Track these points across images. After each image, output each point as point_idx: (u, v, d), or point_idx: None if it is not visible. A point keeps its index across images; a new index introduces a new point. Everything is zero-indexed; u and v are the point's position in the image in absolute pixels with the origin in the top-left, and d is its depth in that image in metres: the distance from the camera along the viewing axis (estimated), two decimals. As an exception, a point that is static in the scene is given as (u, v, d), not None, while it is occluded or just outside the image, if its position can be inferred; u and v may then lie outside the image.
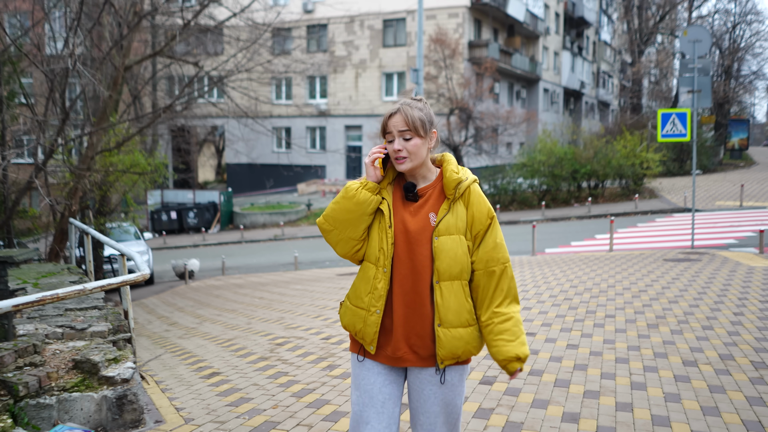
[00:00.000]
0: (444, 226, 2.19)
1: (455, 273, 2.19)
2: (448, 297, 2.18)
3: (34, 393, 3.33)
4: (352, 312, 2.29)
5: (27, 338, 3.73)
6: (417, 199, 2.25)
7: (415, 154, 2.21)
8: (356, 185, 2.22)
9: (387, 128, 2.24)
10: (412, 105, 2.24)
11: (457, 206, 2.23)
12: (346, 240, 2.25)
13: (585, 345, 5.40)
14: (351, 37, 33.91)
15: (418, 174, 2.28)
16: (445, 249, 2.17)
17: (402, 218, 2.23)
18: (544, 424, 3.65)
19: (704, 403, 3.97)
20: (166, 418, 3.81)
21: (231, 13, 11.38)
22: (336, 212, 2.23)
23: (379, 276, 2.21)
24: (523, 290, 8.31)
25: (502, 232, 2.28)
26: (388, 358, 2.25)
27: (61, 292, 3.25)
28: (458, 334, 2.19)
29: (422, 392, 2.25)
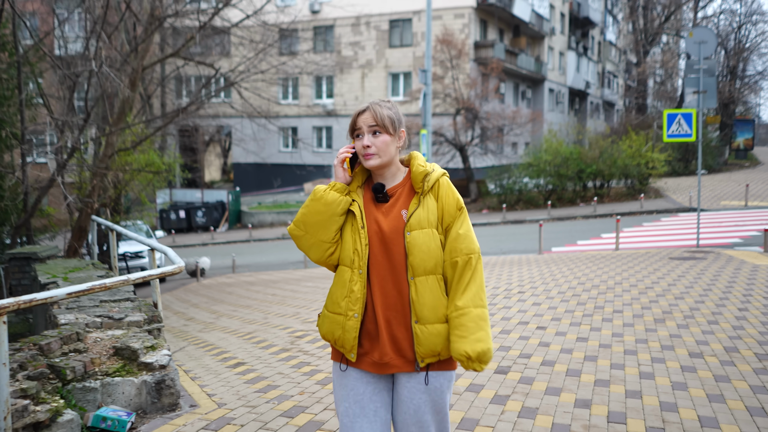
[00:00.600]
0: (415, 220, 2.16)
1: (429, 267, 2.15)
2: (423, 292, 2.13)
3: (79, 377, 3.56)
4: (330, 319, 2.22)
5: (69, 327, 3.96)
6: (387, 199, 2.22)
7: (384, 150, 2.19)
8: (323, 187, 2.22)
9: (356, 125, 2.22)
10: (381, 104, 2.24)
11: (427, 200, 2.19)
12: (318, 244, 2.21)
13: (594, 338, 5.60)
14: (357, 38, 34.13)
15: (387, 174, 2.26)
16: (418, 243, 2.14)
17: (375, 219, 2.20)
18: (558, 410, 3.86)
19: (710, 391, 4.17)
20: (199, 402, 4.03)
21: (244, 15, 11.61)
22: (306, 216, 2.21)
23: (354, 278, 2.17)
24: (531, 287, 8.51)
25: (470, 223, 2.24)
26: (374, 365, 2.18)
27: (108, 282, 3.47)
28: (435, 330, 2.13)
29: (412, 401, 2.17)
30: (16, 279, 8.12)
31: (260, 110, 14.50)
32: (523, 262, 11.74)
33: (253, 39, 13.05)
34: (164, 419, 3.69)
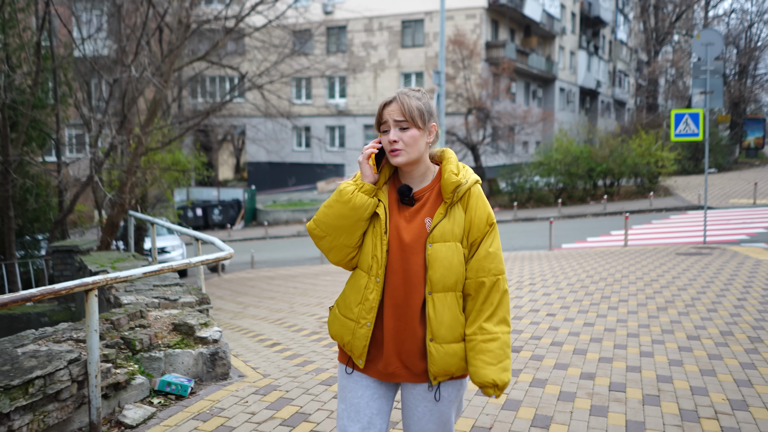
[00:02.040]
0: (439, 232, 2.01)
1: (450, 284, 2.01)
2: (442, 310, 2.01)
3: (146, 348, 4.07)
4: (341, 322, 2.12)
5: (133, 306, 4.48)
6: (413, 203, 2.06)
7: (412, 146, 2.01)
8: (351, 187, 2.02)
9: (382, 118, 2.05)
10: (410, 94, 2.06)
11: (454, 210, 2.04)
12: (340, 247, 2.06)
13: (600, 323, 6.06)
14: (370, 38, 34.61)
15: (415, 173, 2.09)
16: (439, 257, 1.99)
17: (396, 224, 2.05)
18: (565, 381, 4.33)
19: (703, 366, 4.63)
20: (246, 374, 4.54)
21: (266, 20, 12.14)
22: (329, 217, 2.04)
23: (371, 286, 2.04)
24: (542, 279, 8.97)
25: (500, 240, 2.12)
26: (379, 374, 2.09)
27: (174, 264, 4.00)
28: (452, 350, 2.02)
29: (416, 409, 2.09)
30: (58, 270, 8.69)
31: (277, 110, 15.02)
32: (534, 258, 12.19)
33: (273, 43, 13.57)
34: (218, 386, 4.20)
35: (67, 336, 3.69)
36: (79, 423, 3.47)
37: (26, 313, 8.72)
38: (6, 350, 3.38)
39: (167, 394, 3.95)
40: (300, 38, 27.23)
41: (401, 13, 33.47)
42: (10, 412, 3.00)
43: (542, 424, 3.60)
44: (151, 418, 3.66)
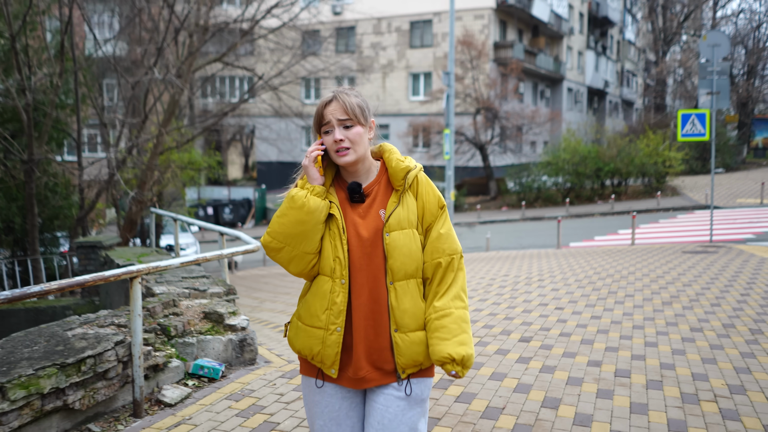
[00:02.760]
0: (395, 220, 1.99)
1: (410, 271, 2.00)
2: (403, 298, 1.98)
3: (180, 334, 4.35)
4: (306, 333, 2.03)
5: (166, 295, 4.76)
6: (364, 199, 2.03)
7: (358, 143, 1.99)
8: (302, 192, 1.98)
9: (324, 119, 2.00)
10: (348, 92, 2.03)
11: (406, 198, 2.03)
12: (300, 256, 2.00)
13: (606, 316, 6.30)
14: (378, 39, 34.86)
15: (360, 170, 2.05)
16: (398, 245, 1.97)
17: (352, 221, 2.01)
18: (573, 368, 4.58)
19: (705, 355, 4.87)
20: (271, 360, 4.82)
21: (281, 23, 12.43)
22: (285, 226, 1.97)
23: (336, 289, 1.98)
24: (550, 275, 9.21)
25: (451, 222, 2.11)
26: (350, 380, 2.02)
27: (208, 255, 4.27)
28: (417, 338, 1.99)
29: (387, 410, 2.00)
30: (82, 265, 9.01)
31: (290, 110, 15.32)
32: (542, 256, 12.42)
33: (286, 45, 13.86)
34: (247, 370, 4.48)
35: (109, 321, 3.97)
36: (122, 401, 3.75)
37: (51, 306, 9.04)
38: (57, 333, 3.67)
39: (200, 377, 4.23)
40: (310, 39, 27.54)
41: (410, 13, 33.71)
42: (65, 388, 3.28)
43: (551, 405, 3.85)
44: (187, 398, 3.94)
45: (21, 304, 9.40)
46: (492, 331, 5.76)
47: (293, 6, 11.62)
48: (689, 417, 3.65)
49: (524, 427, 3.54)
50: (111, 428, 3.51)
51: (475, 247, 16.43)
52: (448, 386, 4.22)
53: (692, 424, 3.56)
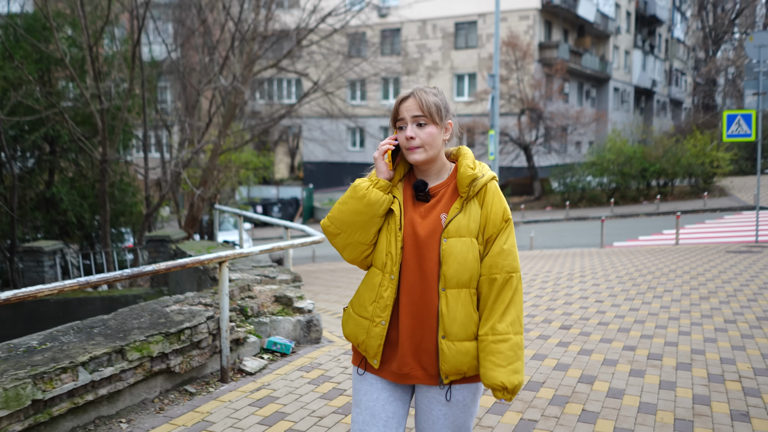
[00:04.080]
0: (454, 227, 1.97)
1: (464, 280, 1.97)
2: (455, 307, 1.97)
3: (255, 314, 4.95)
4: (355, 321, 2.09)
5: (241, 280, 5.37)
6: (428, 198, 2.03)
7: (430, 143, 1.98)
8: (366, 183, 2.00)
9: (399, 114, 2.02)
10: (427, 90, 2.03)
11: (470, 205, 2.01)
12: (354, 245, 2.04)
13: (644, 309, 6.65)
14: (423, 40, 35.29)
15: (431, 170, 2.06)
16: (454, 253, 1.96)
17: (411, 220, 2.02)
18: (609, 351, 4.99)
19: (735, 344, 5.21)
20: (333, 340, 5.37)
21: (332, 29, 13.06)
22: (344, 214, 2.01)
23: (385, 283, 2.00)
24: (592, 272, 9.54)
25: (515, 238, 2.07)
26: (394, 375, 2.04)
27: (282, 244, 4.85)
28: (464, 348, 1.98)
29: (430, 413, 2.04)
30: (152, 257, 9.78)
31: (341, 112, 15.95)
32: (585, 254, 12.70)
33: (335, 50, 14.49)
34: (313, 347, 5.04)
35: (197, 301, 4.58)
36: (211, 368, 4.35)
37: (124, 295, 9.84)
38: (157, 309, 4.29)
39: (273, 352, 4.81)
40: (356, 42, 28.19)
41: (455, 15, 34.04)
42: (168, 353, 3.89)
43: (587, 381, 4.29)
44: (264, 368, 4.52)
45: (96, 292, 10.24)
46: (534, 319, 6.20)
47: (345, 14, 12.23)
48: (713, 393, 4.04)
49: (562, 397, 3.99)
50: (203, 390, 4.12)
51: (519, 246, 16.73)
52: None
53: (715, 398, 3.95)
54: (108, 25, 12.96)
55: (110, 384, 3.53)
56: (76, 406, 3.34)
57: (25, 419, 3.08)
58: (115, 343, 3.59)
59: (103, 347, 3.52)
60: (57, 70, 13.22)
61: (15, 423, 3.04)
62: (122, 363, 3.58)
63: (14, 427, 3.02)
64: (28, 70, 11.18)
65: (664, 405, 3.84)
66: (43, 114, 10.85)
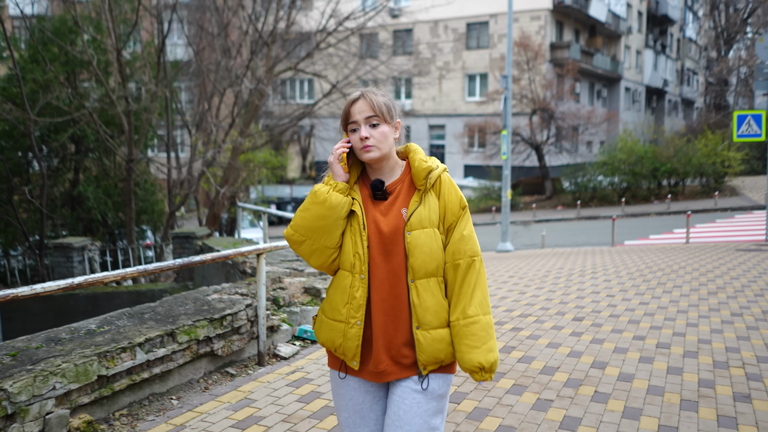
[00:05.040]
0: (416, 219, 2.03)
1: (431, 269, 2.03)
2: (425, 296, 2.02)
3: (287, 304, 5.28)
4: (329, 326, 2.10)
5: (272, 273, 5.70)
6: (386, 196, 2.08)
7: (383, 141, 2.04)
8: (326, 188, 2.03)
9: (350, 117, 2.07)
10: (375, 92, 2.08)
11: (428, 197, 2.07)
12: (321, 250, 2.06)
13: (654, 303, 6.93)
14: (435, 40, 35.55)
15: (385, 168, 2.11)
16: (419, 244, 2.01)
17: (374, 218, 2.06)
18: (620, 341, 5.28)
19: (740, 334, 5.48)
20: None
21: (349, 32, 13.40)
22: (307, 221, 2.04)
23: (356, 284, 2.03)
24: (603, 269, 9.81)
25: (472, 224, 2.15)
26: (371, 374, 2.08)
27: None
28: (439, 335, 2.03)
29: (403, 402, 2.04)
30: (177, 253, 10.14)
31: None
32: (596, 252, 12.96)
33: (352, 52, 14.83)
34: (341, 336, 5.37)
35: (234, 291, 4.92)
36: (248, 353, 4.69)
37: (150, 289, 10.21)
38: (199, 298, 4.63)
39: (304, 339, 5.13)
40: (369, 42, 28.50)
41: (466, 15, 34.27)
42: (212, 337, 4.22)
43: (599, 367, 4.58)
44: (297, 354, 4.85)
45: (123, 287, 10.62)
46: (548, 312, 6.49)
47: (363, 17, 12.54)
48: (718, 377, 4.33)
49: (575, 381, 4.29)
50: (243, 372, 4.45)
51: (530, 245, 17.00)
52: (511, 351, 4.99)
53: (720, 382, 4.24)
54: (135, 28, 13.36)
55: (162, 364, 3.87)
56: (134, 382, 3.68)
57: (91, 392, 3.42)
58: (166, 327, 3.93)
59: (156, 330, 3.86)
60: (81, 72, 13.64)
61: (83, 396, 3.38)
62: (173, 345, 3.91)
63: (82, 399, 3.37)
64: (51, 75, 11.58)
65: (671, 388, 4.14)
66: (73, 115, 11.24)
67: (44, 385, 3.13)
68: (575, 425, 3.55)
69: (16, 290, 2.95)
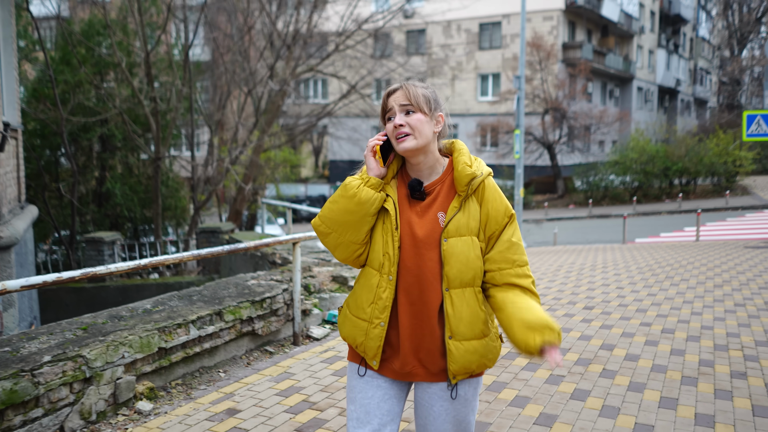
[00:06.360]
0: (454, 226, 1.92)
1: (467, 279, 1.93)
2: (460, 306, 1.94)
3: (317, 291, 5.69)
4: (352, 323, 2.04)
5: (302, 263, 6.12)
6: (424, 197, 1.98)
7: (419, 130, 1.92)
8: (357, 182, 1.94)
9: (387, 106, 1.98)
10: (416, 84, 1.99)
11: (469, 203, 1.96)
12: (346, 244, 1.97)
13: (661, 294, 7.28)
14: (448, 41, 35.88)
15: (424, 165, 1.99)
16: (456, 252, 1.91)
17: (408, 219, 1.96)
18: (627, 326, 5.65)
19: (741, 322, 5.83)
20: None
21: (367, 34, 13.82)
22: (334, 213, 1.95)
23: (383, 284, 1.95)
24: (614, 264, 10.16)
25: (520, 233, 2.04)
26: (395, 373, 2.02)
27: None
28: (472, 347, 1.95)
29: (432, 408, 2.02)
30: (203, 247, 10.59)
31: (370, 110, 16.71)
32: (607, 249, 13.29)
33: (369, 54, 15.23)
34: (367, 320, 5.78)
35: (269, 278, 5.34)
36: (284, 334, 5.11)
37: (177, 281, 10.67)
38: (239, 283, 5.06)
39: (333, 323, 5.54)
40: (385, 43, 28.90)
41: (479, 15, 34.57)
42: (254, 318, 4.65)
43: (608, 348, 4.96)
44: (328, 335, 5.26)
45: (152, 280, 11.09)
46: (560, 302, 6.87)
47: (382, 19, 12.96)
48: (717, 358, 4.69)
49: (585, 360, 4.67)
50: (280, 350, 4.87)
51: (542, 242, 17.34)
52: (525, 335, 5.39)
53: (719, 362, 4.60)
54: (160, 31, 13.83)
55: (211, 340, 4.29)
56: (187, 355, 4.11)
57: (152, 362, 3.85)
58: (214, 307, 4.36)
59: (205, 310, 4.29)
60: (107, 73, 14.14)
61: (146, 365, 3.81)
62: (220, 323, 4.34)
63: (145, 368, 3.80)
64: (83, 75, 12.07)
65: (673, 366, 4.51)
66: (104, 115, 11.73)
67: (115, 354, 3.56)
68: (585, 396, 3.93)
69: (95, 269, 3.38)
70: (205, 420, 3.59)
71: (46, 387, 3.18)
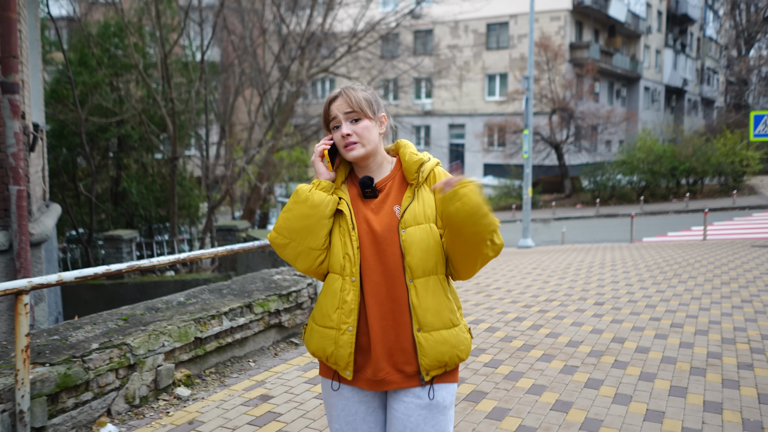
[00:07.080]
0: (410, 215, 1.90)
1: (430, 267, 1.90)
2: (425, 295, 1.89)
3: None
4: (320, 334, 1.96)
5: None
6: (377, 194, 1.96)
7: (366, 137, 1.92)
8: (307, 187, 1.94)
9: (330, 114, 1.95)
10: (355, 87, 1.97)
11: (422, 192, 1.94)
12: (306, 252, 1.93)
13: (669, 291, 7.47)
14: (455, 41, 36.05)
15: (373, 164, 1.99)
16: (415, 241, 1.88)
17: (364, 217, 1.94)
18: (637, 321, 5.85)
19: (748, 317, 6.02)
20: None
21: (378, 35, 14.04)
22: (290, 221, 1.92)
23: (346, 287, 1.90)
24: (622, 262, 10.34)
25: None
26: (369, 382, 1.94)
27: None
28: (441, 337, 1.90)
29: (409, 419, 1.93)
30: (219, 245, 10.84)
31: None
32: (615, 248, 13.47)
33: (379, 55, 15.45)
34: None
35: (292, 273, 5.56)
36: (308, 326, 5.33)
37: (195, 278, 10.92)
38: (265, 278, 5.29)
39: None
40: (396, 44, 29.11)
41: (486, 16, 34.73)
42: (281, 310, 4.87)
43: (619, 342, 5.16)
44: (349, 328, 5.48)
45: (169, 277, 11.34)
46: (571, 297, 7.07)
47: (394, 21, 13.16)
48: (725, 351, 4.89)
49: (597, 352, 4.88)
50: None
51: (550, 241, 17.52)
52: (539, 328, 5.59)
53: (726, 354, 4.80)
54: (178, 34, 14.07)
55: (242, 331, 4.52)
56: (220, 345, 4.34)
57: (189, 351, 4.08)
58: (244, 300, 4.58)
59: (236, 302, 4.51)
60: (123, 75, 14.40)
61: (183, 354, 4.04)
62: (250, 315, 4.56)
63: (182, 357, 4.02)
64: (101, 76, 12.33)
65: (682, 358, 4.70)
66: (123, 116, 12.00)
67: (156, 342, 3.79)
68: (598, 385, 4.14)
69: (139, 262, 3.60)
70: (240, 405, 3.81)
71: (96, 372, 3.41)
